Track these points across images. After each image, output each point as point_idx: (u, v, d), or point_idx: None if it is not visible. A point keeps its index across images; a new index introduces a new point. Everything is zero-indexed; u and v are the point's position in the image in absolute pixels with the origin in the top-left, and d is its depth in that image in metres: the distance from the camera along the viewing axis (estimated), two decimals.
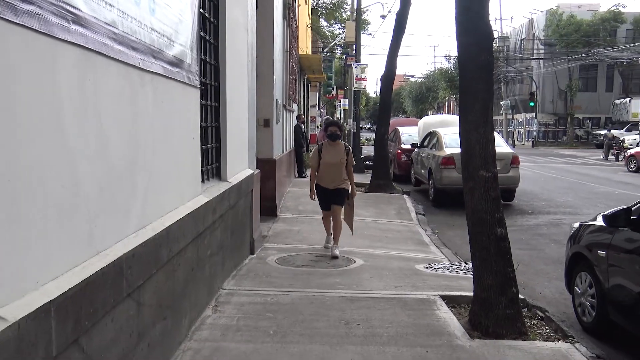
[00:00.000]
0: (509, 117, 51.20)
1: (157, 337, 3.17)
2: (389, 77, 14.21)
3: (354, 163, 7.28)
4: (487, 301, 4.32)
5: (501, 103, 50.80)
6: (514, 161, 11.99)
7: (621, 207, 4.33)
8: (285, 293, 5.02)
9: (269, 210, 9.38)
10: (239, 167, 6.09)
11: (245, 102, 6.47)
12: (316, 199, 7.21)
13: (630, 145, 28.98)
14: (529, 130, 48.48)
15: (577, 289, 5.03)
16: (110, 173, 2.50)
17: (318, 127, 31.27)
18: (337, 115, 44.31)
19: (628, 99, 41.80)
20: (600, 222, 4.76)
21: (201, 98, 4.38)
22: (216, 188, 4.82)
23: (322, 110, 45.26)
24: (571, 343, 4.05)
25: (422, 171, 13.97)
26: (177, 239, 3.41)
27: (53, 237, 2.01)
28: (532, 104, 43.89)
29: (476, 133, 4.35)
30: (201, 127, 4.43)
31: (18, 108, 1.77)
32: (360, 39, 22.22)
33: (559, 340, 4.16)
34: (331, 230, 7.15)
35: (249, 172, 6.58)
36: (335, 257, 6.68)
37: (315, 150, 7.22)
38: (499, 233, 4.31)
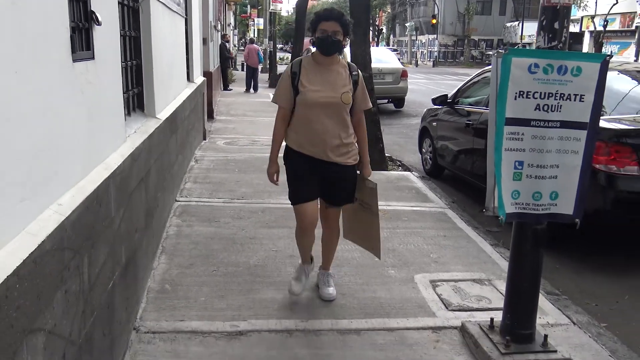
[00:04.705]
0: (414, 38, 54.55)
1: (180, 162, 5.70)
2: (303, 2, 16.42)
3: (370, 105, 3.62)
4: None
5: (406, 25, 53.83)
6: (403, 75, 14.92)
7: (443, 93, 7.22)
8: (239, 154, 7.68)
9: (208, 113, 11.73)
10: (197, 74, 8.42)
11: (198, 26, 8.69)
12: (280, 182, 3.57)
13: None
14: (430, 51, 52.22)
15: (423, 150, 8.02)
16: (169, 64, 4.92)
17: (234, 45, 32.62)
18: (251, 34, 45.18)
19: (517, 22, 46.13)
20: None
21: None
22: (190, 86, 7.20)
23: (235, 30, 46.16)
24: (410, 172, 7.02)
25: None
26: (185, 110, 5.86)
27: (166, 88, 4.45)
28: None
29: (359, 49, 7.00)
30: None
31: (153, 31, 4.14)
32: None
33: (405, 172, 7.12)
34: (312, 255, 3.71)
35: (202, 79, 8.93)
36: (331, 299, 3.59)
37: (286, 74, 3.40)
38: (373, 110, 7.08)
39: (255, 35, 40.17)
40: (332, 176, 3.41)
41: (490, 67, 7.22)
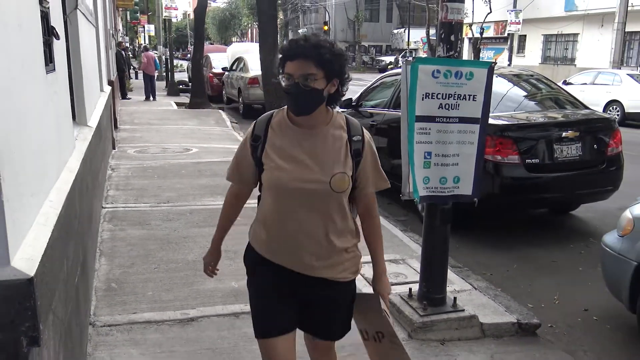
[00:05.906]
0: None
1: (103, 170, 5.77)
2: (201, 10, 16.53)
3: (387, 184, 2.24)
4: None
5: (299, 31, 54.83)
6: None
7: (349, 97, 7.81)
8: (154, 162, 7.78)
9: (113, 122, 11.58)
10: (105, 82, 8.39)
11: (103, 34, 8.66)
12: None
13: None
14: None
15: None
16: (92, 65, 5.04)
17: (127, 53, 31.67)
18: (141, 41, 43.88)
19: (404, 29, 48.71)
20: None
21: None
22: (103, 95, 7.22)
23: (124, 36, 44.65)
24: None
25: (233, 91, 16.88)
26: (104, 118, 5.95)
27: (91, 97, 4.57)
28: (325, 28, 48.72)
29: (270, 55, 7.41)
30: None
31: (81, 42, 4.28)
32: None
33: None
34: None
35: (109, 87, 8.88)
36: None
37: (246, 139, 2.13)
38: None
39: (147, 42, 39.19)
40: (317, 299, 2.15)
41: (385, 73, 8.04)
